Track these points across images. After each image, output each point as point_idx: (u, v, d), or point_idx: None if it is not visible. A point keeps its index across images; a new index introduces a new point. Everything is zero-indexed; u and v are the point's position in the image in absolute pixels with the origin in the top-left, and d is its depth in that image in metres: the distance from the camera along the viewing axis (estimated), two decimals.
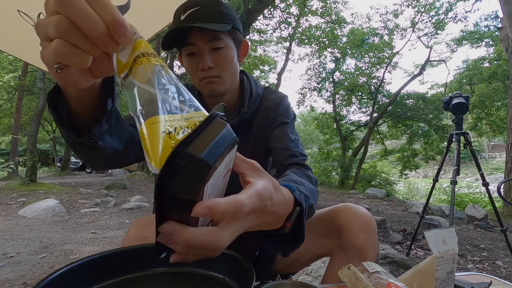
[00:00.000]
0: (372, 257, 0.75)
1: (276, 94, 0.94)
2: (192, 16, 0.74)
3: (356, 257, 0.74)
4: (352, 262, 0.70)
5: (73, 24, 0.27)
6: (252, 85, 0.90)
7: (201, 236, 0.29)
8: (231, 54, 0.79)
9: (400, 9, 11.50)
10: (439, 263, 0.59)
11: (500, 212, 3.53)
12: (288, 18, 11.54)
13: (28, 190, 6.24)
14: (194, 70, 0.78)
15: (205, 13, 0.74)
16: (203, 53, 0.76)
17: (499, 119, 10.49)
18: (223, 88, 0.80)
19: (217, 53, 0.76)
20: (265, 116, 0.89)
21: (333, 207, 0.83)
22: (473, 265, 2.49)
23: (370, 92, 12.72)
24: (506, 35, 5.20)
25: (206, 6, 0.74)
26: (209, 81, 0.78)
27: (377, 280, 0.56)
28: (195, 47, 0.76)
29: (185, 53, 0.78)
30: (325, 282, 0.79)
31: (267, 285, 0.57)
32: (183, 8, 0.76)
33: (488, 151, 26.48)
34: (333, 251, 0.80)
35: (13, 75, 12.36)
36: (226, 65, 0.78)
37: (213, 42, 0.75)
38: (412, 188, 11.21)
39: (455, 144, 2.29)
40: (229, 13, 0.77)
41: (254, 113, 0.89)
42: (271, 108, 0.89)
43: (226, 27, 0.75)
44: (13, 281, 2.01)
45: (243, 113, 0.85)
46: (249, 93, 0.88)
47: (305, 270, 1.87)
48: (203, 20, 0.73)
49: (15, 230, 3.39)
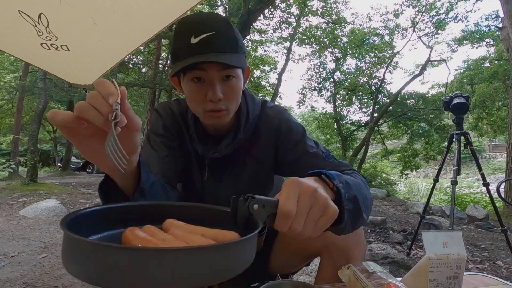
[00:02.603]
0: (357, 257, 0.73)
1: (273, 110, 0.88)
2: (207, 42, 0.67)
3: (340, 257, 0.73)
4: (338, 262, 0.71)
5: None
6: (249, 106, 0.84)
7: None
8: (240, 84, 0.75)
9: (400, 9, 11.49)
10: (435, 265, 0.59)
11: (501, 212, 3.53)
12: (288, 18, 11.53)
13: (29, 190, 6.25)
14: (200, 99, 0.72)
15: (221, 41, 0.68)
16: (214, 83, 0.69)
17: (499, 119, 10.46)
18: (228, 120, 0.76)
19: (227, 84, 0.71)
20: (265, 136, 0.85)
21: None
22: (474, 265, 2.48)
23: (370, 92, 12.71)
24: (507, 35, 5.19)
25: (222, 32, 0.68)
26: (217, 116, 0.73)
27: (377, 280, 0.56)
28: (205, 74, 0.69)
29: (191, 77, 0.70)
30: (317, 283, 0.78)
31: (267, 285, 0.57)
32: (192, 28, 0.68)
33: (489, 151, 26.42)
34: (321, 252, 0.79)
35: (14, 75, 12.40)
36: (234, 96, 0.74)
37: (226, 71, 0.70)
38: (413, 188, 11.18)
39: (456, 144, 2.29)
40: (240, 40, 0.73)
41: (252, 137, 0.84)
42: (270, 128, 0.85)
43: (242, 59, 0.71)
44: (14, 281, 2.02)
45: (238, 140, 0.81)
46: (245, 116, 0.82)
47: (305, 270, 1.87)
48: (219, 49, 0.68)
49: (16, 230, 3.39)
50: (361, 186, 0.63)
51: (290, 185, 0.46)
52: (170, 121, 0.86)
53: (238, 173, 0.86)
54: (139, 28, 1.61)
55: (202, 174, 0.86)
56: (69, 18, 1.39)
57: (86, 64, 1.89)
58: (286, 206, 0.44)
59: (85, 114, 0.43)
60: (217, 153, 0.81)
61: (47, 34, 1.43)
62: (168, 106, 0.89)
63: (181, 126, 0.86)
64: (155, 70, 8.93)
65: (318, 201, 0.46)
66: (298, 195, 0.45)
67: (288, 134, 0.84)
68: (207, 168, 0.85)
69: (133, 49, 1.76)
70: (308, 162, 0.80)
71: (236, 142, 0.81)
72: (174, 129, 0.85)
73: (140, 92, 12.41)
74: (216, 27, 0.68)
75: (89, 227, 0.44)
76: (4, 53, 2.38)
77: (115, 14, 1.43)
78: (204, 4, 9.87)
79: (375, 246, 2.44)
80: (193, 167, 0.87)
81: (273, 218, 0.45)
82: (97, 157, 0.50)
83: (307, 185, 0.47)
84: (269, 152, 0.86)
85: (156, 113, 0.88)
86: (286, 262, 0.93)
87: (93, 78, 2.04)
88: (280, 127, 0.85)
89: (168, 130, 0.84)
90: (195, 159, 0.86)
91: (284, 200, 0.44)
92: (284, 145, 0.84)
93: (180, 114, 0.87)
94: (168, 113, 0.87)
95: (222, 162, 0.84)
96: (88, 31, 1.52)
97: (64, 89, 9.39)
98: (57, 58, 1.72)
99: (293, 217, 0.44)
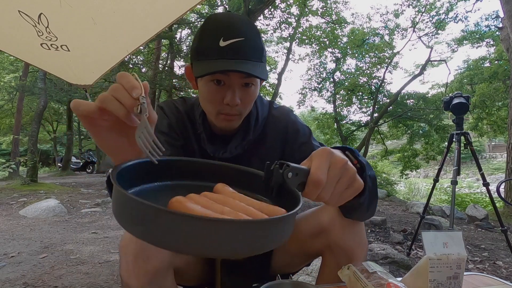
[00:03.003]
0: (360, 256, 0.73)
1: (279, 111, 0.89)
2: (236, 48, 0.67)
3: (343, 257, 0.73)
4: (340, 262, 0.71)
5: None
6: (258, 107, 0.85)
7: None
8: (257, 92, 0.76)
9: (400, 9, 11.50)
10: (435, 265, 0.59)
11: (501, 212, 3.52)
12: (288, 18, 11.54)
13: (29, 190, 6.25)
14: (217, 101, 0.72)
15: (249, 48, 0.68)
16: (234, 88, 0.70)
17: (499, 119, 10.47)
18: (238, 124, 0.78)
19: (246, 90, 0.72)
20: (272, 137, 0.86)
21: (318, 207, 0.82)
22: (474, 265, 2.48)
23: (370, 92, 12.71)
24: (507, 35, 5.19)
25: (251, 40, 0.69)
26: (229, 119, 0.74)
27: (377, 280, 0.56)
28: (227, 78, 0.70)
29: (211, 79, 0.71)
30: (318, 283, 0.78)
31: (267, 285, 0.57)
32: (222, 29, 0.68)
33: (489, 151, 26.42)
34: (323, 252, 0.79)
35: (14, 75, 12.41)
36: (249, 103, 0.75)
37: (247, 79, 0.71)
38: (413, 188, 11.18)
39: (456, 144, 2.29)
40: (265, 49, 0.74)
41: (259, 138, 0.85)
42: (277, 129, 0.86)
43: (265, 69, 0.72)
44: (14, 281, 2.02)
45: (248, 141, 0.82)
46: (255, 118, 0.83)
47: (305, 270, 1.87)
48: (246, 57, 0.68)
49: (16, 230, 3.39)
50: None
51: (322, 154, 0.47)
52: (175, 119, 0.84)
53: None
54: (139, 28, 1.61)
55: None
56: (69, 18, 1.39)
57: (86, 64, 1.89)
58: (317, 175, 0.45)
59: (108, 105, 0.44)
60: (227, 153, 0.81)
61: (47, 34, 1.43)
62: (173, 104, 0.88)
63: (187, 125, 0.85)
64: (155, 70, 8.94)
65: (347, 173, 0.48)
66: (329, 165, 0.46)
67: (295, 136, 0.85)
68: None
69: (133, 49, 1.76)
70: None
71: (245, 143, 0.82)
72: (179, 128, 0.84)
73: None
74: (247, 33, 0.68)
75: (130, 180, 0.45)
76: (4, 53, 2.38)
77: (115, 14, 1.43)
78: (204, 4, 9.87)
79: (375, 246, 2.44)
80: None
81: (302, 186, 0.46)
82: (113, 149, 0.51)
83: (338, 157, 0.48)
84: (276, 153, 0.86)
85: (161, 110, 0.86)
86: (287, 262, 0.92)
87: (93, 78, 2.04)
88: (287, 128, 0.86)
89: (172, 129, 0.83)
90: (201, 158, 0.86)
91: (316, 169, 0.45)
92: (291, 146, 0.85)
93: (185, 113, 0.86)
94: (173, 111, 0.86)
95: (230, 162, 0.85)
96: (88, 31, 1.52)
97: (64, 89, 9.39)
98: (57, 58, 1.72)
99: (323, 186, 0.45)
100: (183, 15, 1.47)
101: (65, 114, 14.81)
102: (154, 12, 1.47)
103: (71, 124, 12.79)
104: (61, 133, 18.42)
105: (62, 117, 17.12)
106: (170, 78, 8.08)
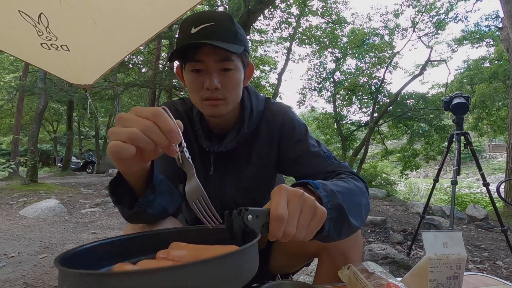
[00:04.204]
0: (355, 256, 0.74)
1: (277, 107, 0.89)
2: (205, 31, 0.69)
3: (338, 258, 0.74)
4: (336, 262, 0.72)
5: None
6: (252, 101, 0.85)
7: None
8: (239, 76, 0.75)
9: (400, 9, 11.47)
10: (435, 265, 0.59)
11: (501, 212, 3.53)
12: (288, 18, 11.52)
13: (29, 190, 6.25)
14: (197, 88, 0.73)
15: (219, 30, 0.69)
16: (211, 72, 0.71)
17: (499, 119, 10.46)
18: (226, 111, 0.77)
19: (225, 74, 0.73)
20: (269, 133, 0.86)
21: None
22: (474, 265, 2.48)
23: (370, 92, 12.70)
24: (507, 35, 5.19)
25: (221, 24, 0.70)
26: (213, 104, 0.74)
27: (377, 280, 0.56)
28: (203, 65, 0.71)
29: (190, 69, 0.73)
30: (315, 283, 0.79)
31: (267, 285, 0.57)
32: (194, 20, 0.71)
33: (489, 151, 26.41)
34: (320, 252, 0.80)
35: (14, 75, 12.41)
36: (232, 87, 0.74)
37: (223, 63, 0.71)
38: (413, 188, 11.17)
39: (456, 144, 2.29)
40: (242, 34, 0.74)
41: (255, 132, 0.86)
42: (274, 125, 0.86)
43: (240, 48, 0.71)
44: (14, 281, 2.02)
45: (242, 134, 0.82)
46: (249, 111, 0.83)
47: (305, 270, 1.87)
48: (217, 38, 0.69)
49: (16, 230, 3.39)
50: (354, 192, 0.64)
51: (278, 192, 0.49)
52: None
53: (242, 169, 0.87)
54: (139, 28, 1.61)
55: (206, 170, 0.87)
56: (69, 18, 1.39)
57: (86, 64, 1.89)
58: (277, 210, 0.46)
59: (143, 145, 0.44)
60: (222, 147, 0.82)
61: (47, 34, 1.43)
62: (173, 105, 0.89)
63: (186, 125, 0.86)
64: (155, 70, 8.93)
65: (307, 202, 0.49)
66: (287, 200, 0.48)
67: (291, 133, 0.85)
68: (213, 163, 0.86)
69: (133, 49, 1.76)
70: (308, 161, 0.81)
71: (240, 136, 0.82)
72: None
73: (140, 92, 12.40)
74: (216, 19, 0.70)
75: (86, 264, 0.43)
76: (4, 53, 2.38)
77: (115, 14, 1.43)
78: (204, 4, 9.87)
79: (375, 246, 2.44)
80: (196, 165, 0.87)
81: (267, 227, 0.47)
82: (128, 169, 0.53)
83: (293, 190, 0.49)
84: (272, 149, 0.86)
85: None
86: (286, 263, 0.93)
87: (93, 78, 2.04)
88: (283, 124, 0.85)
89: None
90: (200, 156, 0.86)
91: (275, 205, 0.47)
92: (286, 142, 0.85)
93: (185, 112, 0.88)
94: (173, 112, 0.87)
95: (227, 157, 0.86)
96: (88, 31, 1.52)
97: (64, 89, 9.38)
98: (57, 58, 1.72)
99: (285, 221, 0.46)
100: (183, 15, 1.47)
101: (65, 114, 14.81)
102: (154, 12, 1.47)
103: (71, 124, 12.80)
104: (61, 133, 18.43)
105: (62, 117, 17.12)
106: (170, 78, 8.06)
